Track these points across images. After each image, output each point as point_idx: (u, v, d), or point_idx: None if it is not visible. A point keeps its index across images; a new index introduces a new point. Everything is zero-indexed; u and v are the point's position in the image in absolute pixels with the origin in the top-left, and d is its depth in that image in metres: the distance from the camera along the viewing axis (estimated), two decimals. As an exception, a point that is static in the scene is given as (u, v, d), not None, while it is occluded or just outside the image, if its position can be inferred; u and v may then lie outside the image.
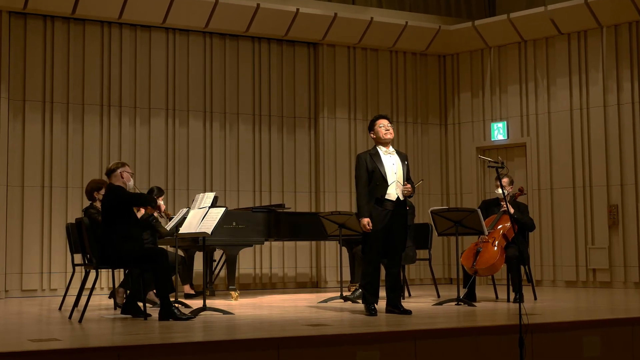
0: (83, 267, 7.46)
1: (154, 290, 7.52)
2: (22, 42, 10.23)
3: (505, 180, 8.39)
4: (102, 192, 7.54)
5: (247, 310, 7.68)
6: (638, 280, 10.57)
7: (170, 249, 8.94)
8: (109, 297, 8.15)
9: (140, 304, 6.91)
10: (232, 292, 8.86)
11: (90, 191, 7.94)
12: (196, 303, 7.79)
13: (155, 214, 7.66)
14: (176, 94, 10.97)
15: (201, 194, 7.46)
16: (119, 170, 6.93)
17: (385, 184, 6.98)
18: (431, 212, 8.14)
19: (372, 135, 7.20)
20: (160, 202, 7.77)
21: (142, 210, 7.63)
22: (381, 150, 7.12)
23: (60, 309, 7.84)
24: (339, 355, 5.19)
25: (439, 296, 9.08)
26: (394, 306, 7.03)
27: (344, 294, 8.69)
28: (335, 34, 11.55)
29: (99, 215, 7.28)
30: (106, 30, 10.64)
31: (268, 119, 11.48)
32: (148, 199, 7.21)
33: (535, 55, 11.62)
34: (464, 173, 12.25)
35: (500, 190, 7.92)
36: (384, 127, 7.11)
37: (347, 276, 10.26)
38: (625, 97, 10.82)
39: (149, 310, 6.94)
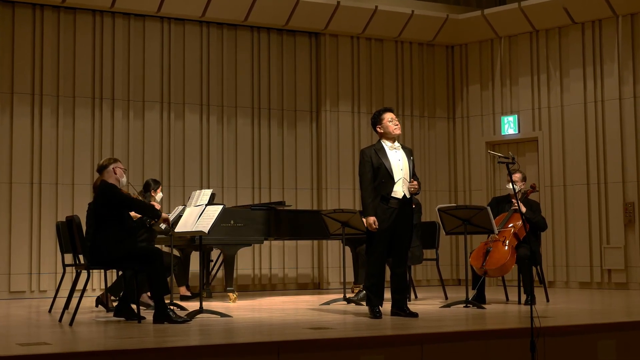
0: (74, 267, 7.44)
1: (148, 293, 7.52)
2: (10, 32, 10.25)
3: (517, 176, 8.51)
4: None
5: (246, 312, 7.68)
6: (655, 281, 10.62)
7: (165, 248, 8.99)
8: (96, 306, 8.08)
9: (134, 306, 6.85)
10: (230, 294, 8.84)
11: None
12: (192, 305, 7.76)
13: (163, 226, 7.36)
14: (171, 86, 10.96)
15: (198, 191, 7.46)
16: (111, 167, 6.93)
17: (391, 181, 6.90)
18: (439, 209, 8.14)
19: (378, 129, 7.10)
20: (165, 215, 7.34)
21: None
22: (386, 145, 7.04)
23: (50, 311, 7.80)
24: (341, 360, 5.18)
25: (446, 298, 9.07)
26: (400, 308, 6.95)
27: (347, 295, 8.69)
28: (338, 23, 11.52)
29: None
30: (98, 20, 10.65)
31: (268, 113, 11.45)
32: (154, 212, 7.01)
33: (547, 45, 11.58)
34: (473, 169, 12.23)
35: (510, 186, 7.66)
36: (394, 122, 7.06)
37: (350, 277, 10.21)
38: (642, 89, 10.86)
39: (143, 313, 6.88)
